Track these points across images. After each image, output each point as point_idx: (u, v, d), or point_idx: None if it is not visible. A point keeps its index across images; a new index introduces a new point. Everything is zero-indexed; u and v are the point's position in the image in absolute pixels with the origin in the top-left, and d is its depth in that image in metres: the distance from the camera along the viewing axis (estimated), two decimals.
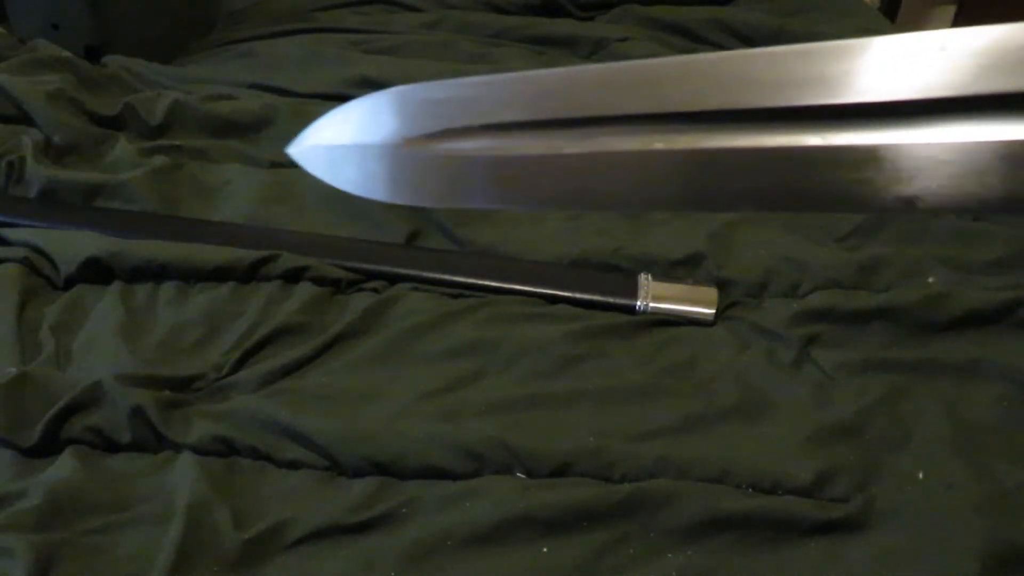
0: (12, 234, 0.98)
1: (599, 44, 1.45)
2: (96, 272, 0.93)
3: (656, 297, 0.91)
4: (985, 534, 0.66)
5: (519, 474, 0.72)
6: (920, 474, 0.72)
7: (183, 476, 0.71)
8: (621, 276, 0.94)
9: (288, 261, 0.93)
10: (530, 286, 0.93)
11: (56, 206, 1.04)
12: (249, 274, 0.93)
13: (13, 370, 0.79)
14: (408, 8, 1.59)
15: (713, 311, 0.90)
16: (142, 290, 0.93)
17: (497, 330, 0.87)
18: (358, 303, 0.91)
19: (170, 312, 0.90)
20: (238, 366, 0.83)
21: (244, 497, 0.71)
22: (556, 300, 0.93)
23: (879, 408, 0.78)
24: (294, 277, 0.93)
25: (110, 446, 0.75)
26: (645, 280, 0.93)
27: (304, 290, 0.91)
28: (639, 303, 0.91)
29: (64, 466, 0.72)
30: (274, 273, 0.93)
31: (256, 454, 0.74)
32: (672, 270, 0.95)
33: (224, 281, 0.93)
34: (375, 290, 0.94)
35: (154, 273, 0.93)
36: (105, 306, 0.90)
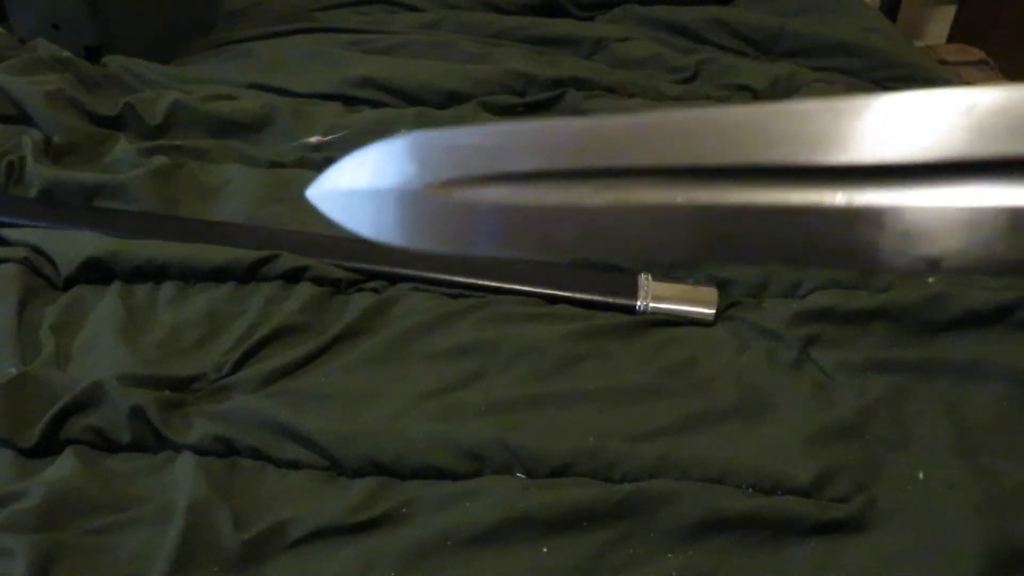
0: (12, 234, 0.98)
1: (599, 44, 1.45)
2: (96, 272, 0.93)
3: (656, 297, 0.91)
4: (985, 534, 0.66)
5: (519, 474, 0.72)
6: (920, 474, 0.72)
7: (183, 476, 0.71)
8: (621, 276, 0.94)
9: (288, 261, 0.93)
10: (530, 286, 0.93)
11: (56, 206, 1.04)
12: (249, 274, 0.93)
13: (13, 370, 0.79)
14: (408, 8, 1.59)
15: (713, 311, 0.90)
16: (142, 290, 0.93)
17: (497, 330, 0.87)
18: (358, 303, 0.91)
19: (170, 312, 0.90)
20: (238, 366, 0.83)
21: (244, 497, 0.71)
22: (556, 300, 0.93)
23: (879, 408, 0.78)
24: (294, 277, 0.93)
25: (110, 446, 0.75)
26: (645, 280, 0.93)
27: (304, 290, 0.91)
28: (639, 303, 0.91)
29: (64, 466, 0.72)
30: (274, 273, 0.93)
31: (256, 454, 0.74)
32: (672, 270, 0.95)
33: (224, 281, 0.93)
34: (375, 290, 0.94)
35: (154, 273, 0.93)
36: (105, 306, 0.90)
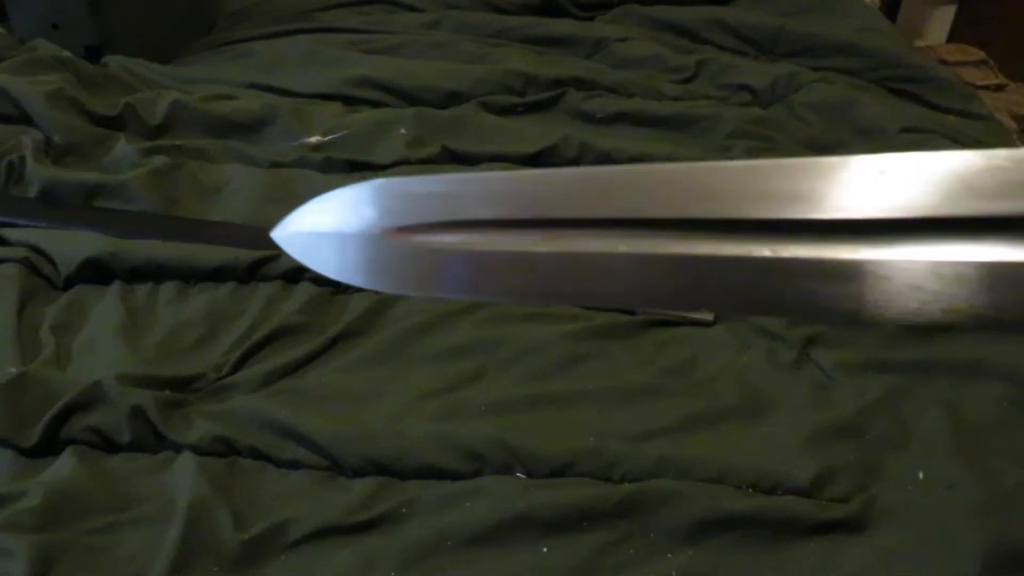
0: (12, 234, 0.98)
1: (599, 44, 1.45)
2: (96, 272, 0.93)
3: None
4: (985, 534, 0.66)
5: (519, 474, 0.72)
6: (920, 474, 0.72)
7: (183, 476, 0.71)
8: None
9: (288, 261, 0.93)
10: None
11: (56, 206, 1.04)
12: (249, 274, 0.93)
13: (13, 370, 0.79)
14: (408, 8, 1.60)
15: (713, 311, 0.90)
16: (142, 290, 0.93)
17: (497, 330, 0.87)
18: (358, 303, 0.91)
19: (170, 312, 0.90)
20: (238, 366, 0.83)
21: (244, 497, 0.71)
22: None
23: (879, 408, 0.78)
24: (294, 277, 0.93)
25: (110, 446, 0.75)
26: None
27: (304, 290, 0.91)
28: None
29: (64, 466, 0.72)
30: (274, 273, 0.93)
31: (256, 454, 0.74)
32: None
33: (224, 281, 0.93)
34: (375, 290, 0.94)
35: (154, 273, 0.94)
36: (105, 306, 0.90)
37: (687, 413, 0.78)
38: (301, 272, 0.93)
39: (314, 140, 1.16)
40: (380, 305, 0.90)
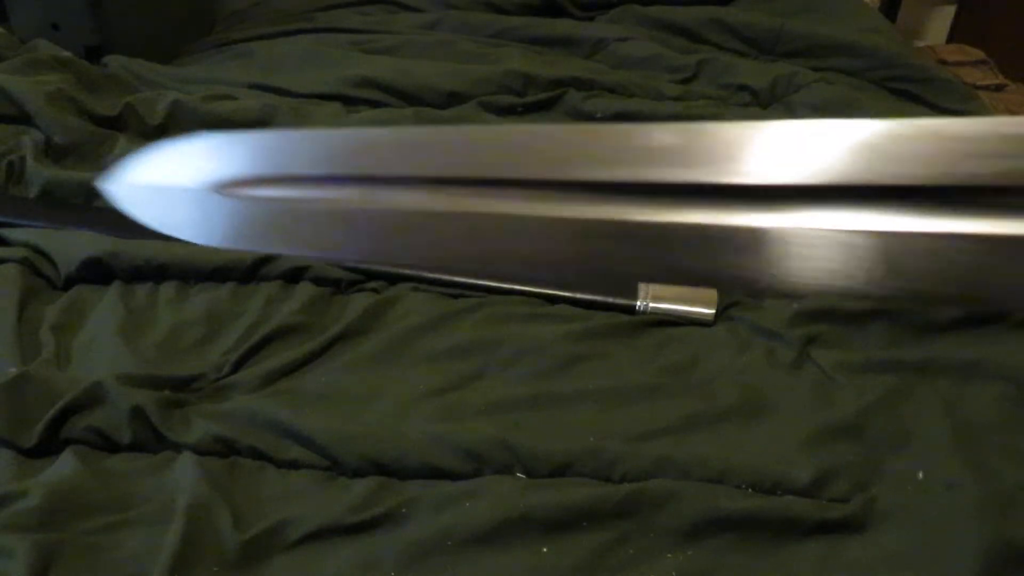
0: (12, 234, 0.98)
1: (599, 44, 1.45)
2: (96, 272, 0.93)
3: (656, 297, 0.91)
4: (985, 534, 0.66)
5: (519, 474, 0.72)
6: (920, 474, 0.72)
7: (183, 476, 0.71)
8: None
9: (288, 261, 0.93)
10: (530, 286, 0.93)
11: (56, 206, 1.04)
12: (249, 274, 0.93)
13: (13, 370, 0.79)
14: (408, 8, 1.60)
15: (713, 311, 0.90)
16: (142, 290, 0.93)
17: (497, 330, 0.87)
18: (358, 303, 0.91)
19: (170, 312, 0.90)
20: (238, 366, 0.83)
21: (244, 497, 0.71)
22: (556, 300, 0.93)
23: (879, 408, 0.78)
24: (294, 277, 0.93)
25: (110, 446, 0.75)
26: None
27: (304, 290, 0.92)
28: (639, 303, 0.91)
29: (64, 466, 0.72)
30: (274, 273, 0.93)
31: (256, 454, 0.74)
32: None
33: (224, 281, 0.93)
34: (375, 290, 0.94)
35: (154, 273, 0.93)
36: (105, 306, 0.90)
37: (687, 413, 0.78)
38: (301, 272, 0.93)
39: None
40: (380, 305, 0.90)
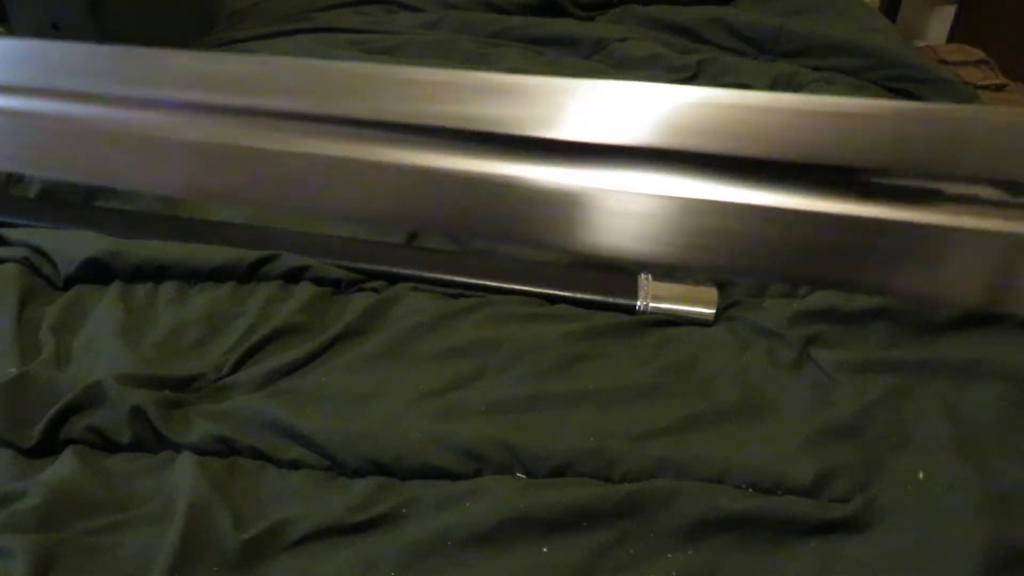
0: (12, 234, 0.98)
1: (599, 44, 1.45)
2: (96, 272, 0.93)
3: (656, 297, 0.91)
4: (985, 534, 0.66)
5: (519, 474, 0.72)
6: (920, 474, 0.72)
7: (183, 476, 0.71)
8: (621, 276, 0.94)
9: (288, 261, 0.93)
10: (530, 286, 0.93)
11: (56, 206, 1.04)
12: (249, 274, 0.93)
13: (13, 370, 0.79)
14: (408, 8, 1.60)
15: (713, 311, 0.90)
16: (142, 290, 0.93)
17: (497, 330, 0.87)
18: (358, 303, 0.91)
19: (170, 312, 0.90)
20: (238, 366, 0.83)
21: (244, 497, 0.71)
22: (556, 300, 0.93)
23: (879, 408, 0.78)
24: (294, 277, 0.93)
25: (110, 446, 0.75)
26: (645, 280, 0.93)
27: (304, 290, 0.91)
28: (639, 303, 0.91)
29: (64, 466, 0.72)
30: (274, 273, 0.93)
31: (256, 454, 0.74)
32: (672, 270, 0.95)
33: (224, 281, 0.93)
34: (375, 290, 0.94)
35: (154, 273, 0.93)
36: (105, 306, 0.90)
37: (687, 413, 0.78)
38: (301, 272, 0.93)
39: None
40: (380, 305, 0.90)
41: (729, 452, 0.73)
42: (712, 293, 0.92)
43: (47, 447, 0.74)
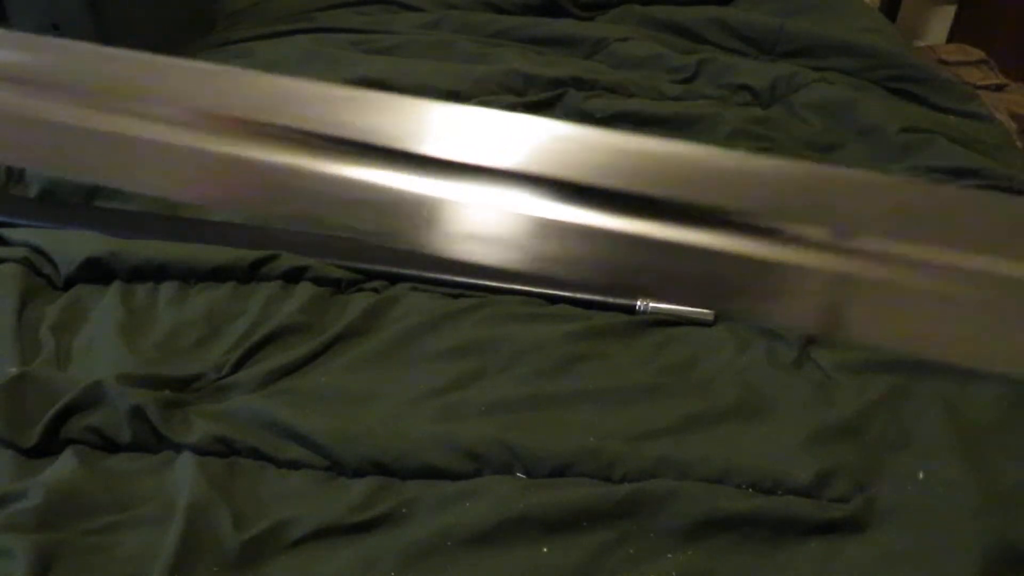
0: (12, 234, 0.98)
1: (599, 44, 1.45)
2: (96, 272, 0.93)
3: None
4: (985, 534, 0.66)
5: (519, 474, 0.72)
6: (920, 474, 0.72)
7: (183, 476, 0.71)
8: None
9: (288, 261, 0.93)
10: (530, 286, 0.93)
11: (56, 206, 1.04)
12: (249, 274, 0.93)
13: (13, 370, 0.79)
14: (408, 8, 1.59)
15: (713, 311, 0.90)
16: (142, 290, 0.93)
17: (497, 330, 0.87)
18: (358, 303, 0.91)
19: (170, 312, 0.90)
20: (238, 366, 0.83)
21: (244, 497, 0.71)
22: (556, 300, 0.92)
23: (879, 408, 0.78)
24: (294, 277, 0.93)
25: (110, 446, 0.75)
26: None
27: (304, 290, 0.91)
28: (639, 303, 0.91)
29: (64, 466, 0.72)
30: (274, 273, 0.93)
31: (256, 454, 0.74)
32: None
33: (224, 281, 0.93)
34: (375, 290, 0.94)
35: (154, 273, 0.93)
36: (105, 306, 0.90)
37: (687, 413, 0.78)
38: (301, 272, 0.93)
39: None
40: (380, 305, 0.90)
41: (729, 452, 0.73)
42: None
43: (47, 447, 0.74)
